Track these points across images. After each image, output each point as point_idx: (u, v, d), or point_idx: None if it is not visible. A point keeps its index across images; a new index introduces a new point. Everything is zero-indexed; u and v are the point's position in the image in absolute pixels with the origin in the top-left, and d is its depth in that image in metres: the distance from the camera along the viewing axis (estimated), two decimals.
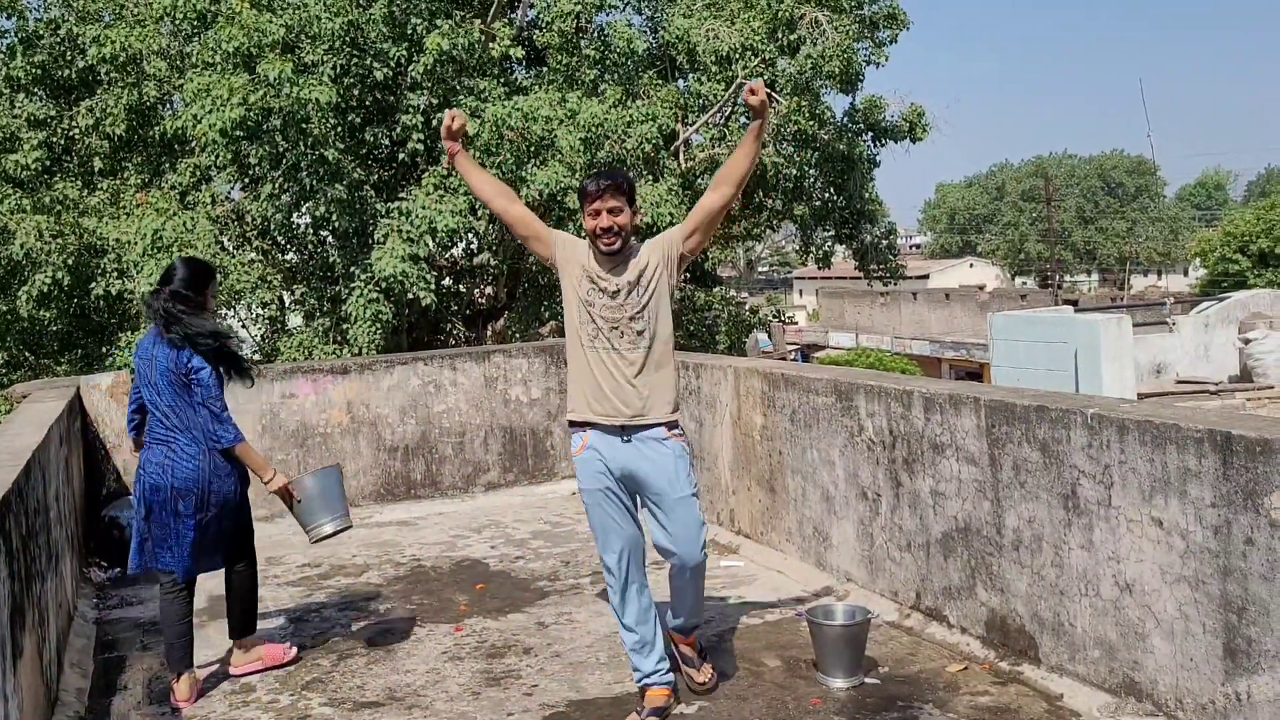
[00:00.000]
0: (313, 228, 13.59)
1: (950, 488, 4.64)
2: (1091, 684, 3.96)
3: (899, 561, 5.00)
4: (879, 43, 16.65)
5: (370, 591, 5.84)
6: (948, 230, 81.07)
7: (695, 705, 4.13)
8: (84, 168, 13.69)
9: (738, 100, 16.64)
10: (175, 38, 13.35)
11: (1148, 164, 73.53)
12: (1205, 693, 3.53)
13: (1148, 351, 17.10)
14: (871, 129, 17.32)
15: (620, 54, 14.33)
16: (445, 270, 14.91)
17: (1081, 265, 72.42)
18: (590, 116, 12.53)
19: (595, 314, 3.93)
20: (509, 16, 15.30)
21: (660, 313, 3.97)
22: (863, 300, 39.99)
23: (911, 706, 4.03)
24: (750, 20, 14.80)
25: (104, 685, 4.65)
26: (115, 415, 6.95)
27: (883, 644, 4.65)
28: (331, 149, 11.88)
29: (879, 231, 18.69)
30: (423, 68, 12.21)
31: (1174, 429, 3.60)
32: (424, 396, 7.90)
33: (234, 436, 4.43)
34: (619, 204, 3.88)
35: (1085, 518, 3.96)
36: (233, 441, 4.42)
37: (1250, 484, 3.34)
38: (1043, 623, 4.18)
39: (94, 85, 13.43)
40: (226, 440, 4.40)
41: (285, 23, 11.66)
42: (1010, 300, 34.02)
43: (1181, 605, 3.60)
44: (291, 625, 5.31)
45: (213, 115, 11.06)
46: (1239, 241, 48.93)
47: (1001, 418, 4.34)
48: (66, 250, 11.87)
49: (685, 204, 13.80)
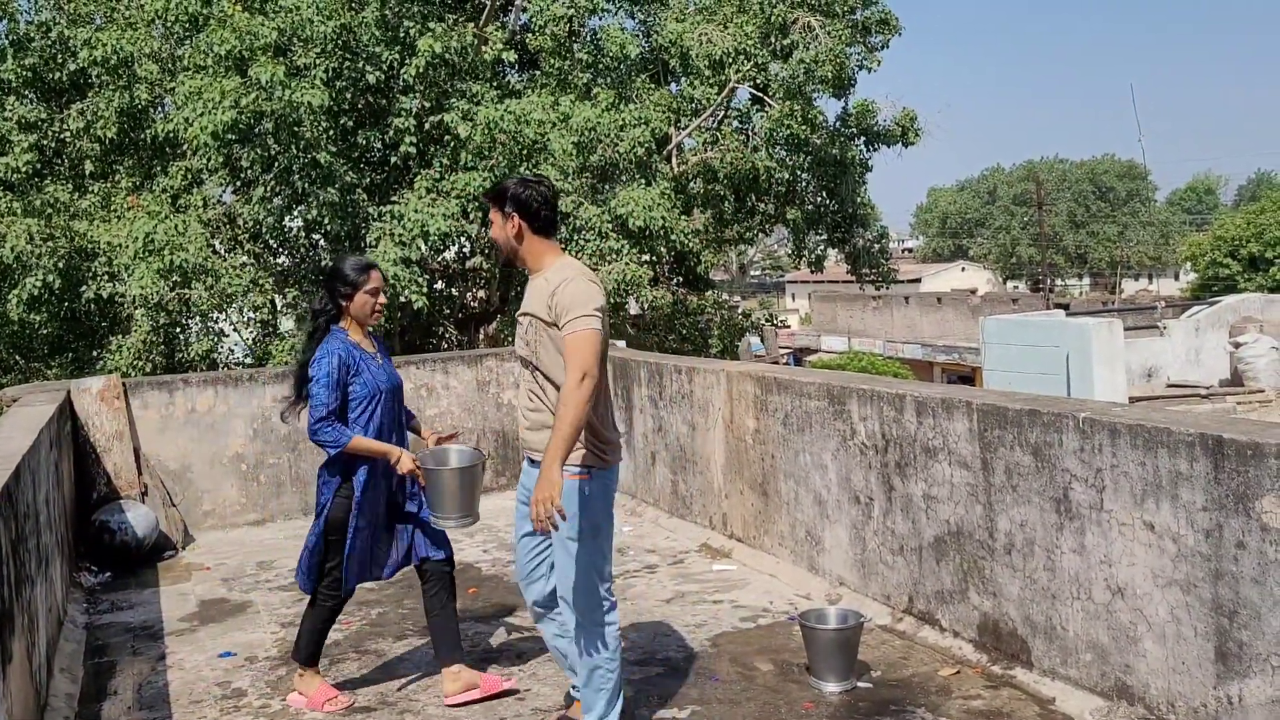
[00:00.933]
0: (305, 231, 13.56)
1: (942, 491, 4.64)
2: (1084, 688, 3.97)
3: (891, 565, 5.00)
4: (871, 47, 16.70)
5: (362, 596, 5.81)
6: (940, 234, 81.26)
7: (688, 710, 4.12)
8: (75, 171, 13.65)
9: (730, 104, 16.68)
10: (167, 40, 13.32)
11: (1139, 168, 73.81)
12: (1197, 696, 3.53)
13: (1139, 355, 17.15)
14: (864, 133, 17.36)
15: (613, 58, 14.34)
16: (437, 273, 14.90)
17: (1073, 269, 72.64)
18: (583, 120, 12.53)
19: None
20: (502, 20, 15.31)
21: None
22: (855, 304, 40.07)
23: (904, 711, 4.03)
24: (743, 25, 14.83)
25: (94, 691, 4.63)
26: (105, 419, 6.92)
27: (875, 648, 4.65)
28: (324, 152, 11.86)
29: (871, 235, 18.72)
30: (415, 71, 12.19)
31: (1165, 433, 3.60)
32: (417, 400, 7.88)
33: (332, 439, 4.09)
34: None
35: (1077, 521, 3.96)
36: (334, 447, 4.11)
37: (1241, 487, 3.35)
38: (1035, 626, 4.19)
39: (85, 88, 13.39)
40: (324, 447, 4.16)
41: (277, 26, 11.64)
42: (1002, 304, 34.12)
43: (1173, 609, 3.60)
44: (282, 631, 5.29)
45: (204, 118, 11.04)
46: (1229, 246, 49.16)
47: (993, 421, 4.34)
48: (57, 253, 11.83)
49: (677, 208, 13.82)
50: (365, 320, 4.27)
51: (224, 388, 7.48)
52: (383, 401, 4.22)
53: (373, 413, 4.19)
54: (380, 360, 4.30)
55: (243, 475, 7.50)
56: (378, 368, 4.25)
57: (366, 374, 4.18)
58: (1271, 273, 46.32)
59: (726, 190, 15.81)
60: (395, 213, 11.98)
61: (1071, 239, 70.20)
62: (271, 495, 7.56)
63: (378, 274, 4.27)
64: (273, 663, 4.86)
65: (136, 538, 6.55)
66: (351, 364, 4.14)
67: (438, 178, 12.60)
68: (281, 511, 7.60)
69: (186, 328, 13.05)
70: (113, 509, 6.62)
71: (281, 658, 4.89)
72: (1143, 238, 70.48)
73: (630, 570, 6.02)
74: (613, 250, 12.70)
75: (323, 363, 4.10)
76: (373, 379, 4.19)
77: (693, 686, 4.34)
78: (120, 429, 6.98)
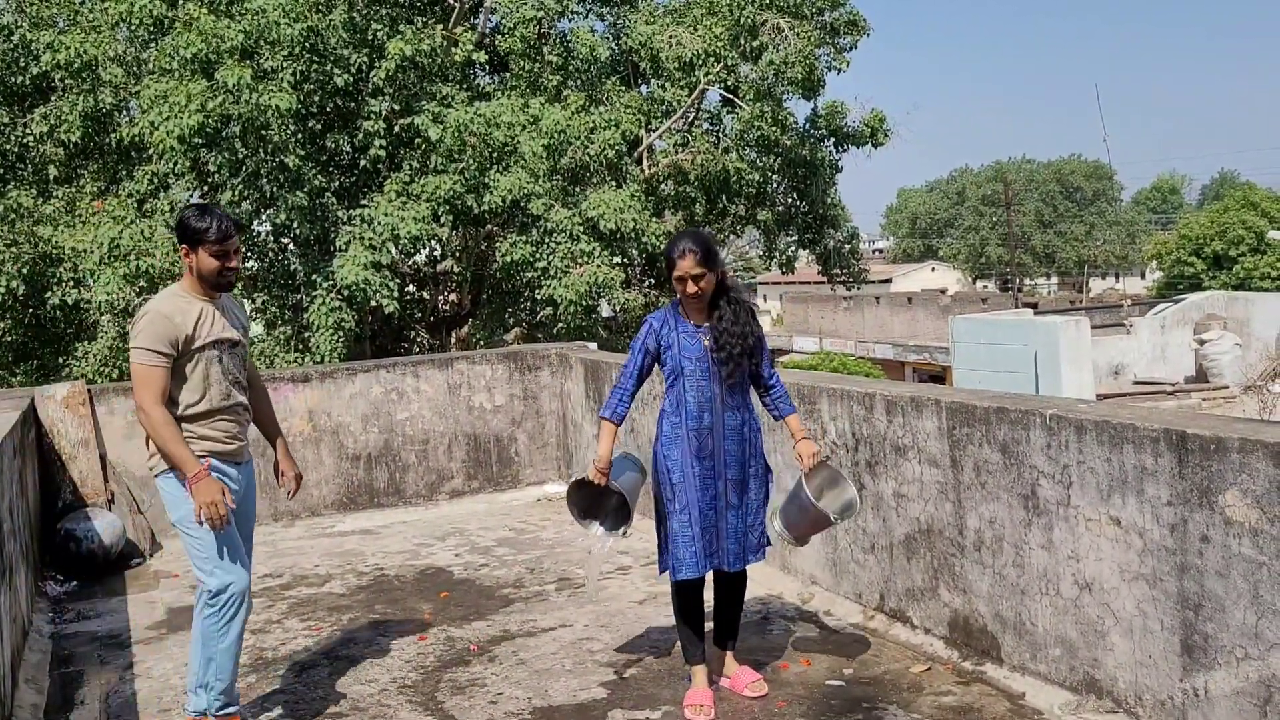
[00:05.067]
0: (273, 235, 13.47)
1: (913, 489, 4.67)
2: (1053, 682, 4.00)
3: (863, 564, 5.03)
4: (840, 49, 16.80)
5: (333, 602, 5.78)
6: (909, 235, 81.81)
7: (661, 710, 4.12)
8: (39, 175, 13.49)
9: (700, 106, 16.70)
10: (131, 44, 13.19)
11: (1105, 169, 74.61)
12: (1164, 689, 3.57)
13: (1106, 353, 17.34)
14: (833, 134, 17.46)
15: (583, 60, 14.35)
16: (408, 277, 14.84)
17: (1041, 269, 73.31)
18: (553, 123, 12.52)
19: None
20: (471, 22, 15.27)
21: None
22: (826, 305, 40.26)
23: (876, 708, 4.05)
24: (712, 27, 14.87)
25: (61, 701, 4.57)
26: (71, 426, 6.84)
27: (847, 646, 4.67)
28: (292, 156, 11.78)
29: (842, 236, 18.83)
30: (384, 73, 12.14)
31: (1131, 429, 3.64)
32: (387, 404, 7.84)
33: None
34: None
35: (1045, 517, 4.00)
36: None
37: (1205, 482, 3.39)
38: (1004, 622, 4.22)
39: (48, 92, 13.24)
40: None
41: (244, 29, 11.56)
42: (971, 304, 34.39)
43: (1140, 603, 3.64)
44: (252, 637, 5.24)
45: (170, 122, 10.94)
46: (1194, 245, 49.88)
47: (962, 419, 4.37)
48: (21, 259, 11.68)
49: (648, 210, 13.83)
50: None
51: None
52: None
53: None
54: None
55: None
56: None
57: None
58: (1235, 271, 47.07)
59: (697, 192, 15.86)
60: (365, 216, 11.92)
61: (1039, 239, 70.88)
62: None
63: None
64: (242, 670, 4.80)
65: (103, 545, 6.47)
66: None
67: (408, 181, 12.55)
68: None
69: None
70: (78, 517, 6.53)
71: (250, 665, 4.84)
72: (1109, 237, 71.27)
73: (604, 571, 6.01)
74: (584, 253, 12.69)
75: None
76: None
77: (666, 687, 4.34)
78: (86, 436, 6.90)
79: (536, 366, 8.36)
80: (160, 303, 3.87)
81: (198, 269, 3.87)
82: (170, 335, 3.78)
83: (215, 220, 3.83)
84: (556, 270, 12.63)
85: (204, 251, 3.83)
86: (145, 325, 3.79)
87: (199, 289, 3.91)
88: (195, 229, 3.82)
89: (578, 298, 12.35)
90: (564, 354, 8.29)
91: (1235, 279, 45.45)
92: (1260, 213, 48.33)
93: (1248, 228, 47.77)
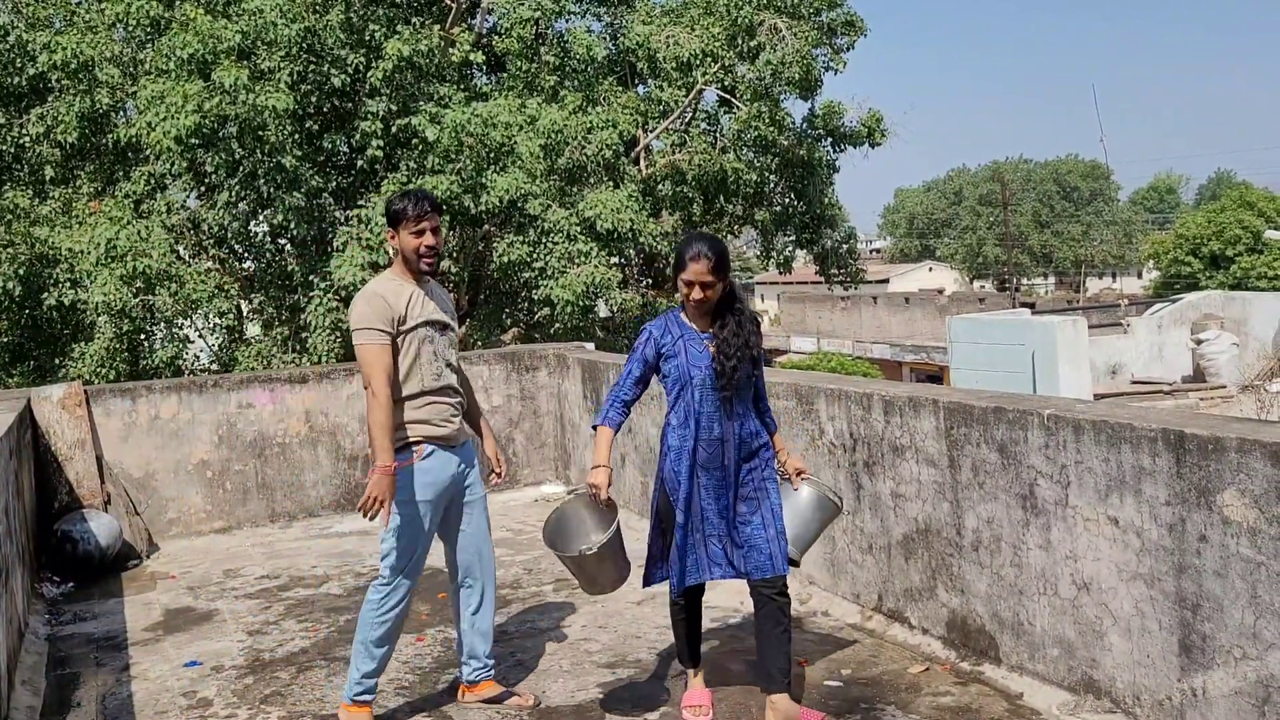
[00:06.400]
0: (270, 236, 13.46)
1: (910, 489, 4.67)
2: (1051, 682, 4.00)
3: (860, 564, 5.02)
4: (837, 49, 16.80)
5: (330, 603, 5.77)
6: (907, 235, 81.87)
7: (658, 711, 4.12)
8: (35, 176, 13.47)
9: (697, 106, 16.71)
10: (128, 44, 13.17)
11: (1102, 168, 74.72)
12: (1162, 689, 3.57)
13: (1103, 353, 17.35)
14: (831, 134, 17.46)
15: (580, 60, 14.33)
16: None
17: (1038, 269, 73.42)
18: (550, 123, 12.52)
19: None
20: (469, 23, 15.27)
21: None
22: (824, 305, 40.29)
23: (874, 708, 4.04)
24: (710, 27, 14.87)
25: (57, 703, 4.56)
26: (67, 427, 6.83)
27: (845, 646, 4.67)
28: (289, 156, 11.76)
29: (839, 236, 18.83)
30: (382, 74, 12.13)
31: (1128, 428, 3.64)
32: None
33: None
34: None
35: (1043, 517, 4.00)
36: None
37: (1203, 481, 3.39)
38: (1002, 622, 4.22)
39: (45, 92, 13.22)
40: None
41: (241, 29, 11.55)
42: (969, 304, 34.43)
43: (1138, 603, 3.64)
44: (249, 638, 5.23)
45: (167, 122, 10.93)
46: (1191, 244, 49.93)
47: (960, 419, 4.37)
48: (17, 260, 11.66)
49: (646, 210, 13.82)
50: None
51: (188, 394, 7.39)
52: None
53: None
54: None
55: (208, 482, 7.42)
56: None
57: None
58: (1232, 270, 47.13)
59: (695, 192, 15.86)
60: (362, 216, 11.91)
61: (1036, 238, 70.95)
62: (238, 502, 7.49)
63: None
64: (239, 671, 4.81)
65: (99, 547, 6.45)
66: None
67: (405, 181, 12.53)
68: (248, 519, 7.52)
69: (150, 334, 12.91)
70: (75, 518, 6.52)
71: (249, 666, 4.84)
72: (1106, 237, 71.35)
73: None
74: (581, 253, 12.68)
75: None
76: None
77: (664, 688, 4.34)
78: (82, 437, 6.89)
79: (534, 367, 8.36)
80: (374, 285, 3.97)
81: (401, 250, 3.96)
82: (387, 314, 3.86)
83: (412, 200, 3.93)
84: (554, 270, 12.63)
85: (404, 231, 3.92)
86: (363, 307, 3.87)
87: (407, 273, 3.99)
88: (395, 210, 3.94)
89: (575, 298, 12.35)
90: (561, 354, 8.29)
91: (1232, 278, 45.53)
92: (1257, 212, 48.40)
93: (1244, 227, 47.84)
